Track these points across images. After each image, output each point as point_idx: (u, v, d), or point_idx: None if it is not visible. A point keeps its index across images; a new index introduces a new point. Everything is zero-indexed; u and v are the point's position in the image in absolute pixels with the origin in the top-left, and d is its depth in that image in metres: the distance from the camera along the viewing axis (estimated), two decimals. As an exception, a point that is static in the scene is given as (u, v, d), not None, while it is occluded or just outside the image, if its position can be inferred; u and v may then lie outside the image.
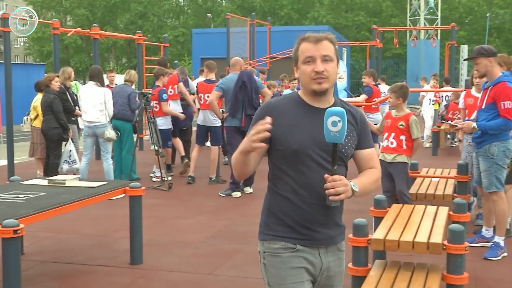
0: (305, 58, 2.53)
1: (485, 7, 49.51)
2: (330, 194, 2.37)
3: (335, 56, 2.56)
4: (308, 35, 2.58)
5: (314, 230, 2.53)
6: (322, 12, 51.97)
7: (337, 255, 2.63)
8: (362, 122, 2.65)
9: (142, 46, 15.48)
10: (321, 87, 2.51)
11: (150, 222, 7.01)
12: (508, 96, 5.43)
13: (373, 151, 2.70)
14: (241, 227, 6.99)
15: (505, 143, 5.61)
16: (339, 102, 2.65)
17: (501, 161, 5.61)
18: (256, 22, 21.77)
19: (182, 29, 53.93)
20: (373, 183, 2.62)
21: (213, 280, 5.16)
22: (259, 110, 2.64)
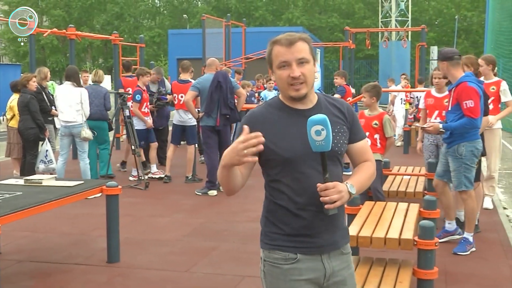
0: (280, 63, 2.39)
1: (453, 10, 50.36)
2: (325, 202, 2.28)
3: (311, 56, 2.41)
4: (280, 37, 2.42)
5: (315, 237, 2.42)
6: (296, 13, 52.22)
7: (342, 259, 2.49)
8: (350, 114, 2.52)
9: (119, 47, 15.47)
10: (299, 94, 2.38)
11: (127, 221, 7.05)
12: (469, 95, 5.57)
13: (365, 142, 2.59)
14: (217, 225, 7.06)
15: (473, 143, 5.72)
16: (323, 98, 2.53)
17: (469, 160, 5.74)
18: (231, 23, 21.85)
19: (158, 29, 53.70)
20: (370, 178, 2.54)
21: (190, 278, 5.21)
22: (243, 120, 2.47)
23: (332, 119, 2.39)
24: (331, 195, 2.27)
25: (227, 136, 9.07)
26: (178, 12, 56.66)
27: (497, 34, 23.80)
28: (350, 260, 2.55)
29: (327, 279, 2.45)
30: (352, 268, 2.57)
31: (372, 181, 2.59)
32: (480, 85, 5.79)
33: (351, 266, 2.56)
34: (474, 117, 5.58)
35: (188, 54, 30.24)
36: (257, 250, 6.18)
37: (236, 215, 7.54)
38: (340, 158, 2.48)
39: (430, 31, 44.42)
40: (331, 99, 2.53)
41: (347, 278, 2.51)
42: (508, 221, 7.26)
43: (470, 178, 5.77)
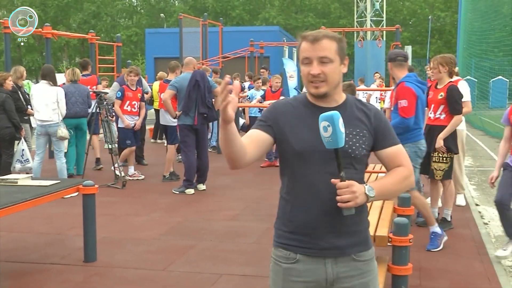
0: (303, 59, 2.37)
1: (427, 10, 51.11)
2: (338, 201, 2.23)
3: (337, 55, 2.36)
4: (308, 33, 2.37)
5: (317, 238, 2.36)
6: (272, 13, 52.39)
7: (352, 266, 2.39)
8: (377, 120, 2.44)
9: (95, 46, 15.41)
10: (318, 91, 2.36)
11: (104, 220, 7.03)
12: (404, 94, 5.66)
13: (398, 148, 2.47)
14: (194, 223, 7.08)
15: (416, 143, 5.76)
16: (352, 100, 2.47)
17: (413, 161, 5.65)
18: (208, 22, 21.87)
19: (135, 28, 53.47)
20: (399, 182, 2.41)
21: (167, 276, 5.22)
22: (265, 109, 2.50)
23: (352, 122, 2.38)
24: (343, 194, 2.22)
25: (205, 135, 9.10)
26: (155, 11, 56.47)
27: (469, 34, 24.21)
28: (365, 268, 2.43)
29: (330, 285, 2.39)
30: (369, 277, 2.44)
31: (405, 187, 2.47)
32: (421, 86, 5.85)
33: (367, 274, 2.43)
34: (406, 116, 5.63)
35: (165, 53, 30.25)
36: (234, 248, 6.24)
37: (214, 214, 7.57)
38: (357, 162, 2.39)
39: (404, 31, 44.97)
40: (360, 104, 2.48)
41: (357, 287, 2.41)
42: (480, 217, 7.39)
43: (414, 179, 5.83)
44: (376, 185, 2.33)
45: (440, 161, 6.37)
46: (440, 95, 6.40)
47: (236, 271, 5.35)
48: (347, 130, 2.33)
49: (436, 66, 6.45)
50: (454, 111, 6.36)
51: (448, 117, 6.38)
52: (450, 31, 49.78)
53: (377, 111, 2.48)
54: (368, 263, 2.43)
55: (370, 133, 2.41)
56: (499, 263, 5.60)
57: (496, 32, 21.11)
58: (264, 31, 35.85)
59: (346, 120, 2.31)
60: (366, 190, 2.27)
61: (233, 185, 9.53)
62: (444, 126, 6.32)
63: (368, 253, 2.44)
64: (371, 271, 2.45)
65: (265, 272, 5.21)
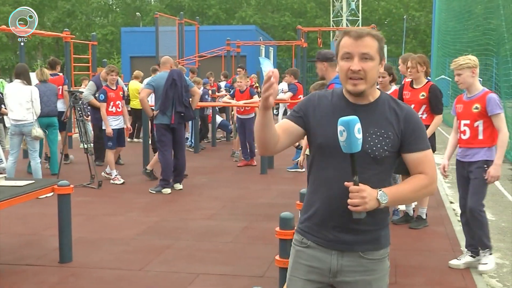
0: (343, 53, 2.37)
1: (402, 10, 51.60)
2: (349, 204, 2.28)
3: (378, 54, 2.37)
4: (351, 29, 2.39)
5: (325, 230, 2.44)
6: (249, 12, 52.38)
7: (358, 262, 2.43)
8: (407, 122, 2.40)
9: (70, 44, 15.26)
10: (356, 89, 2.37)
11: (80, 220, 6.98)
12: None
13: (424, 155, 2.43)
14: (171, 223, 7.05)
15: None
16: (386, 98, 2.47)
17: None
18: (184, 21, 21.79)
19: (111, 27, 53.00)
20: (416, 191, 2.41)
21: (144, 276, 5.20)
22: (300, 101, 2.56)
23: (379, 121, 2.39)
24: (353, 198, 2.26)
25: (182, 134, 9.07)
26: (131, 9, 56.07)
27: (443, 34, 24.50)
28: (371, 267, 2.45)
29: (333, 275, 2.46)
30: (373, 276, 2.46)
31: (422, 195, 2.49)
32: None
33: (372, 273, 2.46)
34: None
35: (141, 52, 30.06)
36: (211, 248, 6.23)
37: (190, 213, 7.56)
38: (377, 162, 2.38)
39: (379, 30, 45.20)
40: (395, 103, 2.46)
41: (359, 283, 2.44)
42: (455, 214, 7.47)
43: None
44: (391, 191, 2.35)
45: None
46: (422, 95, 6.41)
47: (213, 270, 5.34)
48: (371, 130, 2.36)
49: (415, 65, 6.46)
50: (437, 110, 6.40)
51: (430, 117, 6.41)
52: (425, 30, 50.29)
53: (410, 112, 2.45)
54: (375, 262, 2.46)
55: (396, 135, 2.40)
56: (473, 260, 5.67)
57: (469, 32, 21.37)
58: (240, 30, 35.80)
59: (373, 120, 2.38)
60: (378, 196, 2.30)
61: (210, 185, 9.51)
62: (427, 125, 6.27)
63: (378, 253, 2.47)
64: (377, 270, 2.47)
65: (242, 271, 5.26)
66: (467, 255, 5.44)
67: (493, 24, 15.98)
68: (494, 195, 8.89)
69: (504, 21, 13.58)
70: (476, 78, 5.19)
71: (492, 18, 16.21)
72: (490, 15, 16.69)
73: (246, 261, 5.59)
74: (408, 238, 6.30)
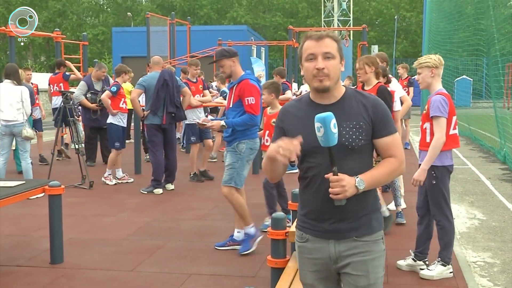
0: (308, 55, 2.57)
1: (393, 10, 51.71)
2: (330, 193, 2.48)
3: (338, 53, 2.58)
4: (311, 33, 2.61)
5: (321, 222, 2.63)
6: (240, 12, 52.36)
7: (353, 245, 2.62)
8: (375, 111, 2.61)
9: (61, 45, 15.19)
10: (322, 85, 2.56)
11: (71, 221, 6.96)
12: (251, 92, 5.61)
13: (392, 138, 2.65)
14: (163, 223, 7.04)
15: (253, 140, 5.77)
16: (352, 93, 2.65)
17: (247, 158, 5.74)
18: (176, 21, 21.75)
19: (102, 27, 52.82)
20: (389, 173, 2.64)
21: (136, 277, 5.19)
22: (278, 114, 2.78)
23: (350, 115, 2.58)
24: (334, 187, 2.46)
25: (173, 134, 9.06)
26: (122, 9, 55.90)
27: (434, 34, 24.56)
28: (365, 248, 2.62)
29: (335, 262, 2.66)
30: (368, 257, 2.62)
31: (394, 177, 2.71)
32: (258, 83, 5.86)
33: (367, 254, 2.62)
34: (254, 113, 5.63)
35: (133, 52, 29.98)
36: (203, 248, 6.22)
37: (182, 213, 7.55)
38: (355, 152, 2.58)
39: (371, 31, 45.46)
40: (360, 95, 2.65)
41: (356, 264, 2.62)
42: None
43: (242, 177, 5.76)
44: (367, 176, 2.55)
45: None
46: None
47: (205, 270, 5.34)
48: (345, 124, 2.56)
49: (362, 66, 6.25)
50: None
51: None
52: (416, 31, 50.45)
53: (376, 102, 2.65)
54: (368, 244, 2.64)
55: (368, 123, 2.60)
56: (464, 259, 5.70)
57: (460, 32, 21.44)
58: (232, 30, 35.81)
59: (344, 114, 2.57)
60: (356, 183, 2.50)
61: (201, 185, 9.51)
62: None
63: (371, 236, 2.65)
64: (371, 252, 2.64)
65: (233, 272, 5.26)
66: (410, 258, 5.35)
67: (483, 24, 16.05)
68: (485, 194, 8.94)
69: (494, 22, 13.65)
70: (436, 78, 4.98)
71: (482, 19, 16.29)
72: (480, 15, 16.76)
73: (238, 261, 5.59)
74: (400, 238, 6.31)
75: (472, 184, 9.82)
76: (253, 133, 5.79)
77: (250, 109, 5.62)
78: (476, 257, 5.87)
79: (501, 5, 16.51)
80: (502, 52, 14.20)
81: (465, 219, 7.43)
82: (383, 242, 2.71)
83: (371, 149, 2.67)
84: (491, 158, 13.04)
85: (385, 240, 2.74)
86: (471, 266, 5.54)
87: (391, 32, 49.61)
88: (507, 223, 7.22)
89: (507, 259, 5.80)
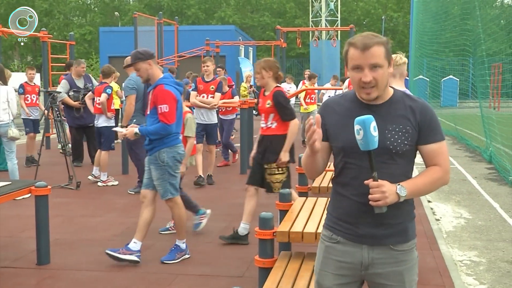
0: (353, 65, 2.45)
1: (380, 10, 51.91)
2: (370, 200, 2.38)
3: (386, 59, 2.45)
4: (356, 39, 2.45)
5: (356, 226, 2.53)
6: (228, 12, 52.35)
7: (389, 254, 2.54)
8: (423, 116, 2.50)
9: (48, 44, 15.08)
10: (370, 97, 2.46)
11: (58, 221, 6.92)
12: (164, 99, 5.27)
13: (438, 146, 2.53)
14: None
15: (174, 148, 5.45)
16: (400, 95, 2.55)
17: (172, 168, 5.45)
18: (163, 21, 21.71)
19: (89, 27, 52.58)
20: (431, 183, 2.53)
21: (123, 277, 5.17)
22: (320, 108, 2.69)
23: (396, 118, 2.48)
24: (374, 194, 2.37)
25: None
26: (109, 9, 55.69)
27: (421, 34, 24.65)
28: (401, 258, 2.55)
29: (365, 268, 2.56)
30: (404, 266, 2.56)
31: (437, 187, 2.59)
32: (179, 87, 5.51)
33: (403, 264, 2.56)
34: (167, 122, 5.28)
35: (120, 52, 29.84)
36: (191, 248, 6.19)
37: (169, 214, 7.41)
38: (399, 156, 2.48)
39: (358, 31, 45.33)
40: (409, 99, 2.54)
41: (391, 274, 2.55)
42: (432, 213, 7.56)
43: (175, 185, 5.52)
44: (409, 184, 2.45)
45: (276, 173, 5.89)
46: (268, 103, 5.88)
47: (192, 271, 5.33)
48: (390, 127, 2.46)
49: (259, 71, 5.91)
50: (286, 117, 5.85)
51: (280, 125, 5.88)
52: (403, 31, 50.69)
53: (424, 106, 2.54)
54: (405, 253, 2.57)
55: (414, 128, 2.50)
56: (450, 258, 5.73)
57: (446, 32, 21.53)
58: (220, 30, 35.78)
59: (390, 117, 2.48)
60: (397, 190, 2.40)
61: (189, 185, 9.47)
62: (277, 135, 5.84)
63: (407, 244, 2.57)
64: (407, 261, 2.58)
65: (221, 272, 5.25)
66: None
67: (469, 25, 16.13)
68: (471, 194, 8.99)
69: (480, 22, 13.72)
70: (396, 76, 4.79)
71: (468, 19, 16.37)
72: (466, 16, 16.85)
73: (226, 261, 5.58)
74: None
75: (459, 183, 9.89)
76: (173, 140, 5.43)
77: (163, 118, 5.26)
78: (462, 256, 5.91)
79: (487, 5, 16.63)
80: (488, 52, 14.29)
81: (452, 218, 7.48)
82: (416, 249, 2.65)
83: (414, 155, 2.58)
84: (477, 158, 13.12)
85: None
86: (457, 265, 5.57)
87: (378, 32, 49.47)
88: (493, 222, 7.28)
89: (493, 257, 5.84)
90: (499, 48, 15.97)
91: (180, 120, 5.56)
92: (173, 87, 5.40)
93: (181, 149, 5.54)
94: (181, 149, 5.54)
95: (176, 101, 5.37)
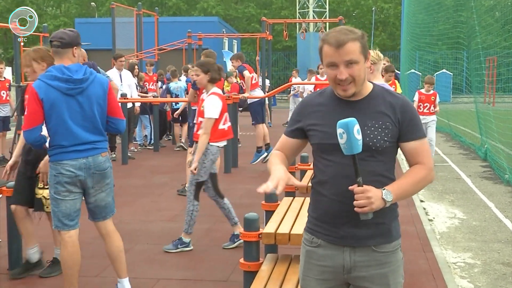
0: (328, 62, 2.44)
1: (370, 1, 51.44)
2: (355, 206, 2.33)
3: (362, 54, 2.42)
4: (330, 36, 2.42)
5: (337, 227, 2.48)
6: (211, 3, 51.93)
7: (371, 256, 2.49)
8: (403, 113, 2.47)
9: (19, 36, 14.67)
10: (347, 94, 2.45)
11: (32, 224, 6.62)
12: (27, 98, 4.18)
13: (420, 143, 2.50)
14: (130, 225, 6.80)
15: (56, 165, 4.19)
16: (379, 91, 2.52)
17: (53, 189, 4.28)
18: (143, 12, 21.38)
19: (63, 18, 51.92)
20: (417, 182, 2.48)
21: (101, 282, 5.02)
22: (296, 106, 2.66)
23: (375, 114, 2.45)
24: (359, 200, 2.31)
25: None
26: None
27: (412, 26, 24.46)
28: (384, 260, 2.50)
29: (347, 272, 2.51)
30: (388, 268, 2.51)
31: (423, 186, 2.54)
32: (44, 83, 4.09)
33: (387, 265, 2.51)
34: (23, 128, 4.12)
35: (97, 45, 29.38)
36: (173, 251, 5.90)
37: (150, 215, 7.31)
38: (379, 153, 2.45)
39: (347, 23, 45.10)
40: (388, 94, 2.52)
41: (375, 277, 2.49)
42: (425, 213, 7.47)
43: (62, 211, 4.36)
44: (394, 187, 2.40)
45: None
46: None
47: (174, 275, 5.21)
48: (369, 123, 2.43)
49: (29, 63, 4.67)
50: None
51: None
52: (394, 23, 50.38)
53: (405, 102, 2.51)
54: (388, 254, 2.51)
55: (394, 124, 2.46)
56: (443, 259, 5.62)
57: (439, 24, 21.36)
58: (202, 22, 35.48)
59: (369, 113, 2.44)
60: (383, 195, 2.35)
61: (171, 184, 9.23)
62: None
63: (390, 245, 2.52)
64: (391, 262, 2.52)
65: (204, 276, 5.06)
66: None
67: (463, 16, 15.99)
68: (465, 193, 8.89)
69: (475, 14, 13.51)
70: (375, 74, 4.62)
71: (462, 10, 16.23)
72: (460, 7, 16.70)
73: (209, 265, 5.45)
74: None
75: (452, 182, 9.80)
76: (56, 154, 4.17)
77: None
78: (456, 257, 5.83)
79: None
80: (483, 45, 14.09)
81: (445, 219, 7.39)
82: (401, 250, 2.58)
83: (395, 152, 2.54)
84: (471, 155, 13.03)
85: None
86: (451, 267, 5.49)
87: (368, 24, 49.43)
88: (488, 222, 7.20)
89: (488, 259, 5.76)
90: (494, 41, 15.74)
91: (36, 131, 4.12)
92: (38, 83, 4.10)
93: (64, 166, 4.18)
94: (65, 167, 4.18)
95: (39, 102, 4.05)
